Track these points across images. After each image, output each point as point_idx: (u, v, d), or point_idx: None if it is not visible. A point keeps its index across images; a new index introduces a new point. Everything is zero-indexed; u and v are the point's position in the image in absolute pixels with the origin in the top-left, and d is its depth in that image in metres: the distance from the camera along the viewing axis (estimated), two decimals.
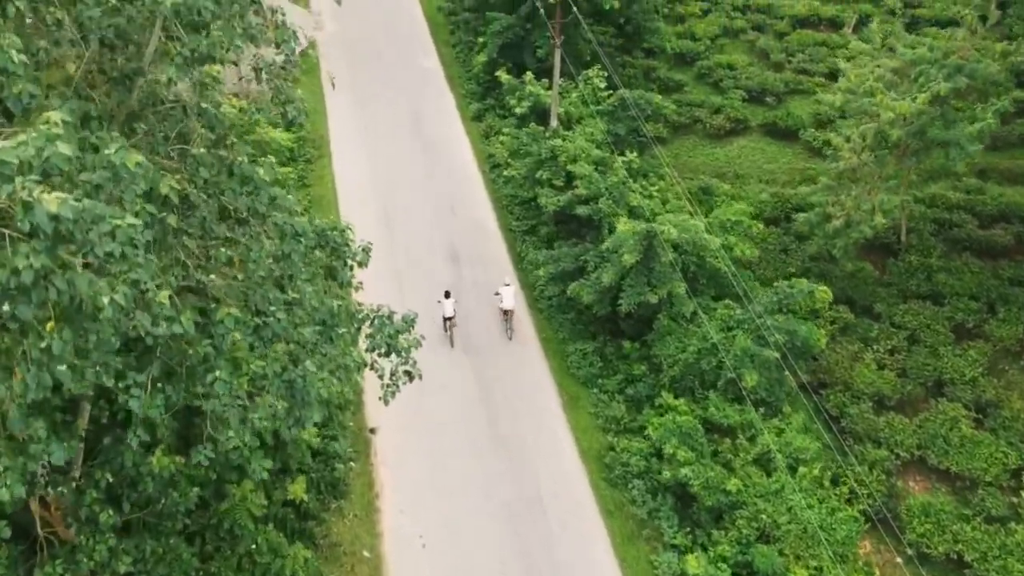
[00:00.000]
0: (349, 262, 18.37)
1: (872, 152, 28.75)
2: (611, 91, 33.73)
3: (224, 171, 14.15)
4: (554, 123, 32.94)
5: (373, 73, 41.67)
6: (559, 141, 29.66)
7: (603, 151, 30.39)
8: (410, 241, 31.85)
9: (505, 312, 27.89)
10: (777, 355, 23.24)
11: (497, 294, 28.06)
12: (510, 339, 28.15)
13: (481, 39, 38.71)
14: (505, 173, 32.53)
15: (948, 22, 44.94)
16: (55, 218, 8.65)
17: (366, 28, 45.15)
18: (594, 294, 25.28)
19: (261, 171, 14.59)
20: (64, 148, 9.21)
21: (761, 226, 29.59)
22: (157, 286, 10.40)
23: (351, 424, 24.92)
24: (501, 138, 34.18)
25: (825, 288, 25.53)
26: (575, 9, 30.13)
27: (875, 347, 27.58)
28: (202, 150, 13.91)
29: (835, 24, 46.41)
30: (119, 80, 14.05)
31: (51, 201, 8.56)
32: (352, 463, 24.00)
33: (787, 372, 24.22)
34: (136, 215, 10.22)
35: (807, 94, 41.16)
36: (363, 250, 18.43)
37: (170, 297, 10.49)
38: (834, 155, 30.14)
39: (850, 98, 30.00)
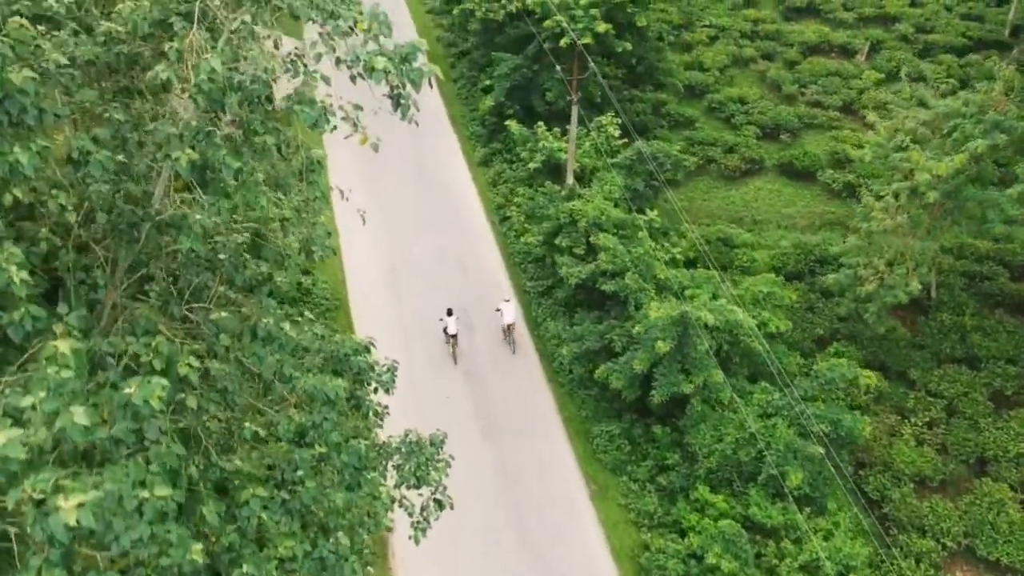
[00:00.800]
0: (374, 384, 16.94)
1: (906, 212, 27.45)
2: (625, 138, 32.23)
3: (247, 333, 12.59)
4: (570, 180, 31.24)
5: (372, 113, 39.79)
6: (577, 203, 28.01)
7: (622, 209, 28.89)
8: (419, 305, 30.25)
9: (507, 326, 28.49)
10: (822, 451, 21.91)
11: (498, 310, 28.77)
12: (513, 353, 28.57)
13: (487, 80, 36.85)
14: (523, 240, 30.88)
15: (962, 49, 43.83)
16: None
17: None
18: (624, 379, 23.78)
19: (287, 326, 13.06)
20: (80, 416, 7.69)
21: (793, 296, 28.19)
22: (190, 537, 8.85)
23: None
24: (516, 199, 32.50)
25: (870, 374, 24.18)
26: (591, 65, 28.48)
27: (912, 420, 26.36)
28: (224, 314, 12.35)
29: (847, 51, 45.04)
30: (125, 230, 12.49)
31: (68, 511, 7.03)
32: (370, 568, 22.47)
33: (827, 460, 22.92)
34: (162, 469, 8.71)
35: (822, 129, 39.93)
36: (388, 370, 16.98)
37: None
38: (864, 213, 28.77)
39: (879, 152, 28.69)
